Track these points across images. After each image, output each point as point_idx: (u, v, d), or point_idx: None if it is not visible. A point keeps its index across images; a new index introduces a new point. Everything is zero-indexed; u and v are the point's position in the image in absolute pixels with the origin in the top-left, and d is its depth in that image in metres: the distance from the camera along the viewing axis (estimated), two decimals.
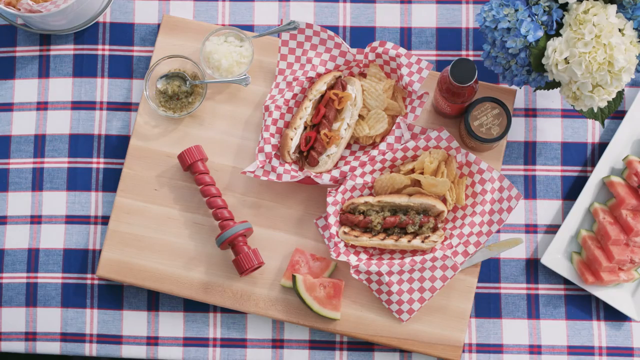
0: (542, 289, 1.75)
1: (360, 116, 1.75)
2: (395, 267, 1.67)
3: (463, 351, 1.74)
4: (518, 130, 1.79)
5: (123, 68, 1.82)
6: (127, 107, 1.81)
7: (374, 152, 1.70)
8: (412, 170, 1.71)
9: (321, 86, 1.73)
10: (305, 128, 1.73)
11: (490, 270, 1.75)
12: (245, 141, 1.76)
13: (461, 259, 1.68)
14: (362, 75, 1.78)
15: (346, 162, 1.75)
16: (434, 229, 1.69)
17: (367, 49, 1.73)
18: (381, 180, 1.70)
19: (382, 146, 1.71)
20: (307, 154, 1.73)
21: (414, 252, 1.70)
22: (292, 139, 1.70)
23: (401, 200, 1.68)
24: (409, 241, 1.67)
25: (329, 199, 1.68)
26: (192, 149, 1.70)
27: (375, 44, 1.72)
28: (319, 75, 1.75)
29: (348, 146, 1.77)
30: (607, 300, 1.71)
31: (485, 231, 1.68)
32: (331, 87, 1.74)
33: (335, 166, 1.74)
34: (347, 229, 1.68)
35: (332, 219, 1.68)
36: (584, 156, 1.78)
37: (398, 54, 1.71)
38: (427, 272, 1.68)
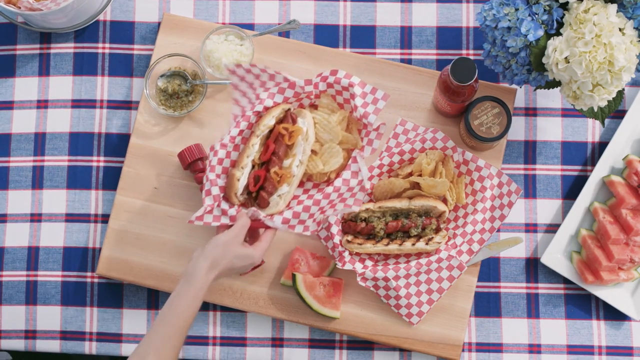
0: (541, 288, 1.75)
1: (313, 151, 1.64)
2: (401, 272, 1.67)
3: (463, 350, 1.74)
4: (518, 130, 1.79)
5: (123, 66, 1.82)
6: (127, 105, 1.81)
7: (329, 190, 1.58)
8: (411, 174, 1.71)
9: (269, 120, 1.60)
10: (253, 167, 1.61)
11: (490, 269, 1.75)
12: None
13: (466, 258, 1.68)
14: (314, 106, 1.67)
15: (299, 202, 1.62)
16: (437, 230, 1.69)
17: (317, 79, 1.62)
18: (380, 186, 1.70)
19: (338, 182, 1.59)
20: (257, 195, 1.62)
21: (419, 254, 1.70)
22: (238, 180, 1.58)
23: (402, 204, 1.68)
24: (413, 244, 1.67)
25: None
26: (192, 147, 1.71)
27: (326, 73, 1.62)
28: (267, 109, 1.62)
29: (301, 184, 1.67)
30: (606, 299, 1.71)
31: (488, 228, 1.68)
32: (280, 121, 1.62)
33: (288, 206, 1.62)
34: (350, 237, 1.68)
35: (335, 229, 1.68)
36: (584, 155, 1.78)
37: (351, 83, 1.60)
38: (434, 273, 1.68)
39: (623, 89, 1.63)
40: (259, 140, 1.60)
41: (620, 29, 1.53)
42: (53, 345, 1.76)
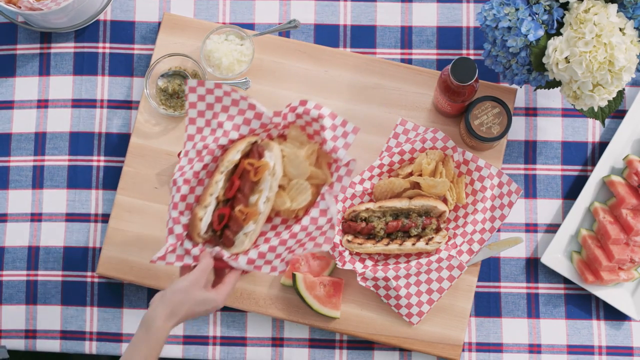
0: (542, 288, 1.75)
1: (281, 186, 1.55)
2: (401, 272, 1.67)
3: (463, 350, 1.74)
4: (518, 130, 1.79)
5: (123, 66, 1.82)
6: (127, 105, 1.81)
7: (296, 229, 1.49)
8: (411, 173, 1.71)
9: (234, 155, 1.51)
10: (218, 204, 1.53)
11: (490, 269, 1.75)
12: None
13: (466, 258, 1.68)
14: (282, 137, 1.59)
15: (266, 240, 1.55)
16: (437, 230, 1.69)
17: (286, 110, 1.53)
18: (380, 186, 1.70)
19: (305, 221, 1.49)
20: (222, 233, 1.54)
21: (419, 254, 1.70)
22: (201, 220, 1.49)
23: (402, 204, 1.68)
24: (413, 244, 1.67)
25: None
26: None
27: (295, 103, 1.53)
28: (232, 142, 1.53)
29: (269, 219, 1.58)
30: (607, 299, 1.71)
31: (488, 228, 1.68)
32: (246, 155, 1.54)
33: (255, 244, 1.54)
34: (350, 237, 1.68)
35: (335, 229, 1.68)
36: (584, 155, 1.78)
37: (321, 114, 1.50)
38: (434, 273, 1.68)
39: (623, 89, 1.63)
40: (224, 176, 1.51)
41: (620, 29, 1.53)
42: (53, 345, 1.76)
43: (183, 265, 1.51)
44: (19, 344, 1.76)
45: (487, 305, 1.75)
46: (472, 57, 1.80)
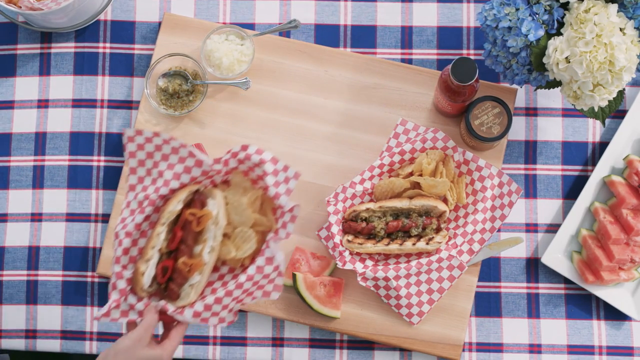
0: (542, 288, 1.75)
1: (226, 235, 1.52)
2: (402, 271, 1.67)
3: (463, 350, 1.74)
4: (519, 130, 1.79)
5: (124, 66, 1.82)
6: (128, 105, 1.81)
7: (242, 279, 1.45)
8: (411, 173, 1.71)
9: (175, 206, 1.47)
10: (161, 256, 1.49)
11: (490, 269, 1.75)
12: (246, 140, 1.76)
13: (467, 258, 1.68)
14: (226, 183, 1.56)
15: (213, 290, 1.52)
16: (438, 230, 1.69)
17: (227, 156, 1.50)
18: (381, 186, 1.70)
19: (251, 270, 1.46)
20: (166, 286, 1.50)
21: (419, 254, 1.70)
22: (143, 274, 1.45)
23: (402, 204, 1.68)
24: (414, 244, 1.67)
25: (330, 209, 1.68)
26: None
27: (236, 148, 1.49)
28: (174, 192, 1.49)
29: (215, 268, 1.55)
30: (607, 299, 1.71)
31: (488, 228, 1.68)
32: (188, 205, 1.51)
33: (202, 295, 1.51)
34: (350, 237, 1.68)
35: (335, 229, 1.68)
36: (585, 155, 1.78)
37: (262, 160, 1.47)
38: (434, 273, 1.68)
39: (623, 89, 1.63)
40: (166, 227, 1.47)
41: (620, 29, 1.53)
42: (53, 345, 1.76)
43: (128, 321, 1.47)
44: (19, 344, 1.76)
45: (488, 305, 1.75)
46: (472, 57, 1.80)
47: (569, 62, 1.52)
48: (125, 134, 1.47)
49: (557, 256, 1.74)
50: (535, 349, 1.73)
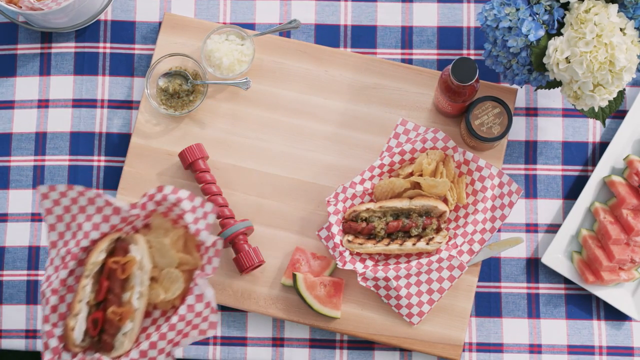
0: (542, 288, 1.75)
1: (153, 278, 1.53)
2: (402, 272, 1.67)
3: (463, 350, 1.74)
4: (519, 130, 1.79)
5: (124, 66, 1.82)
6: (128, 105, 1.81)
7: (174, 320, 1.46)
8: (411, 174, 1.71)
9: (97, 256, 1.48)
10: (90, 309, 1.49)
11: (490, 269, 1.75)
12: (246, 139, 1.76)
13: (467, 258, 1.68)
14: (147, 227, 1.57)
15: (147, 335, 1.52)
16: (438, 230, 1.69)
17: (144, 199, 1.51)
18: (381, 186, 1.70)
19: (182, 310, 1.46)
20: (100, 338, 1.50)
21: (420, 254, 1.70)
22: (73, 329, 1.44)
23: (402, 204, 1.68)
24: (414, 244, 1.67)
25: (330, 209, 1.68)
26: (193, 147, 1.71)
27: (152, 191, 1.51)
28: (95, 242, 1.50)
29: (147, 314, 1.55)
30: (607, 299, 1.71)
31: (488, 228, 1.68)
32: (111, 253, 1.51)
33: (137, 341, 1.51)
34: (350, 237, 1.68)
35: (335, 229, 1.68)
36: (585, 155, 1.78)
37: (179, 199, 1.49)
38: (434, 273, 1.68)
39: (624, 89, 1.63)
40: (91, 279, 1.48)
41: (621, 29, 1.53)
42: None
43: None
44: (19, 344, 1.76)
45: (488, 306, 1.75)
46: (472, 57, 1.80)
47: (569, 62, 1.52)
48: (38, 191, 1.47)
49: (557, 256, 1.74)
50: (535, 349, 1.73)
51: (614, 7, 1.52)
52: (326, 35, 1.82)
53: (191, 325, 1.48)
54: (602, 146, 1.79)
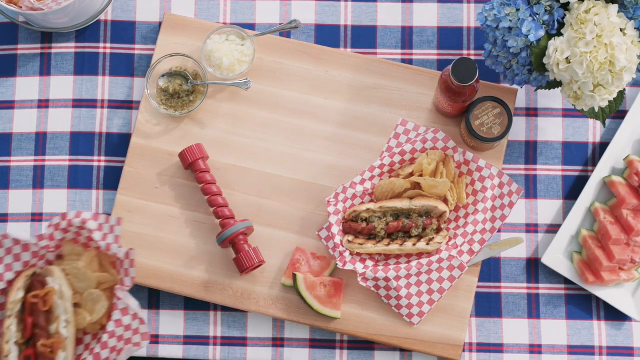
0: (542, 289, 1.75)
1: (77, 304, 1.57)
2: (402, 272, 1.67)
3: (463, 350, 1.74)
4: (519, 130, 1.79)
5: (124, 66, 1.82)
6: (128, 105, 1.81)
7: (105, 338, 1.50)
8: (411, 174, 1.71)
9: (15, 295, 1.50)
10: (20, 348, 1.50)
11: (490, 269, 1.75)
12: (246, 140, 1.76)
13: (467, 258, 1.68)
14: (60, 257, 1.61)
15: None
16: (438, 230, 1.69)
17: (50, 229, 1.55)
18: (381, 186, 1.70)
19: (111, 327, 1.51)
20: None
21: (420, 255, 1.70)
22: None
23: (403, 204, 1.68)
24: (414, 244, 1.67)
25: (330, 209, 1.68)
26: (193, 147, 1.71)
27: (56, 220, 1.56)
28: (10, 283, 1.52)
29: (79, 341, 1.58)
30: (607, 299, 1.71)
31: (488, 228, 1.68)
32: (29, 290, 1.53)
33: None
34: (351, 238, 1.68)
35: (335, 229, 1.68)
36: (585, 156, 1.78)
37: (83, 220, 1.53)
38: (435, 273, 1.68)
39: (624, 90, 1.63)
40: (14, 319, 1.49)
41: (621, 30, 1.53)
42: None
43: None
44: None
45: (488, 306, 1.75)
46: (472, 58, 1.80)
47: (570, 62, 1.52)
48: None
49: (557, 256, 1.74)
50: (535, 349, 1.73)
51: (614, 8, 1.52)
52: (326, 35, 1.82)
53: (123, 340, 1.52)
54: (602, 146, 1.79)
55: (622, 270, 1.71)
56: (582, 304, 1.75)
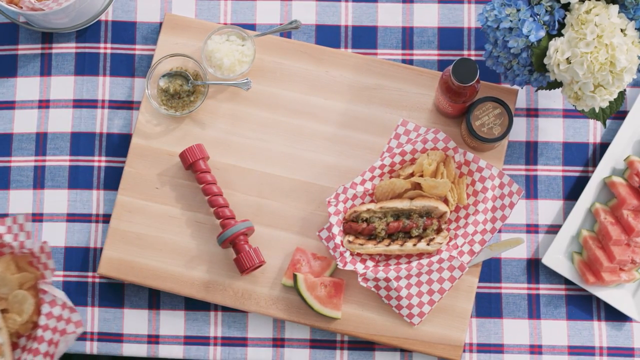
0: (542, 289, 1.75)
1: (4, 310, 1.60)
2: (402, 272, 1.67)
3: (464, 351, 1.74)
4: (519, 130, 1.79)
5: (125, 66, 1.82)
6: (128, 105, 1.81)
7: (40, 332, 1.53)
8: (412, 174, 1.71)
9: None
10: None
11: (491, 270, 1.75)
12: (247, 140, 1.76)
13: (467, 258, 1.68)
14: None
15: None
16: (438, 231, 1.69)
17: None
18: (382, 187, 1.70)
19: (42, 321, 1.54)
20: None
21: (420, 255, 1.70)
22: None
23: (403, 204, 1.68)
24: (415, 245, 1.67)
25: (331, 209, 1.68)
26: (194, 147, 1.71)
27: None
28: None
29: (15, 345, 1.61)
30: (608, 300, 1.71)
31: (489, 228, 1.68)
32: None
33: None
34: (351, 238, 1.68)
35: (336, 229, 1.68)
36: (586, 156, 1.78)
37: None
38: (435, 274, 1.68)
39: (624, 90, 1.63)
40: None
41: (621, 30, 1.53)
42: None
43: None
44: None
45: (488, 306, 1.75)
46: (473, 58, 1.80)
47: (570, 62, 1.52)
48: None
49: (557, 257, 1.74)
50: (535, 349, 1.73)
51: (615, 8, 1.52)
52: (327, 35, 1.82)
53: (58, 332, 1.55)
54: (602, 147, 1.79)
55: (622, 271, 1.71)
56: (583, 305, 1.75)
